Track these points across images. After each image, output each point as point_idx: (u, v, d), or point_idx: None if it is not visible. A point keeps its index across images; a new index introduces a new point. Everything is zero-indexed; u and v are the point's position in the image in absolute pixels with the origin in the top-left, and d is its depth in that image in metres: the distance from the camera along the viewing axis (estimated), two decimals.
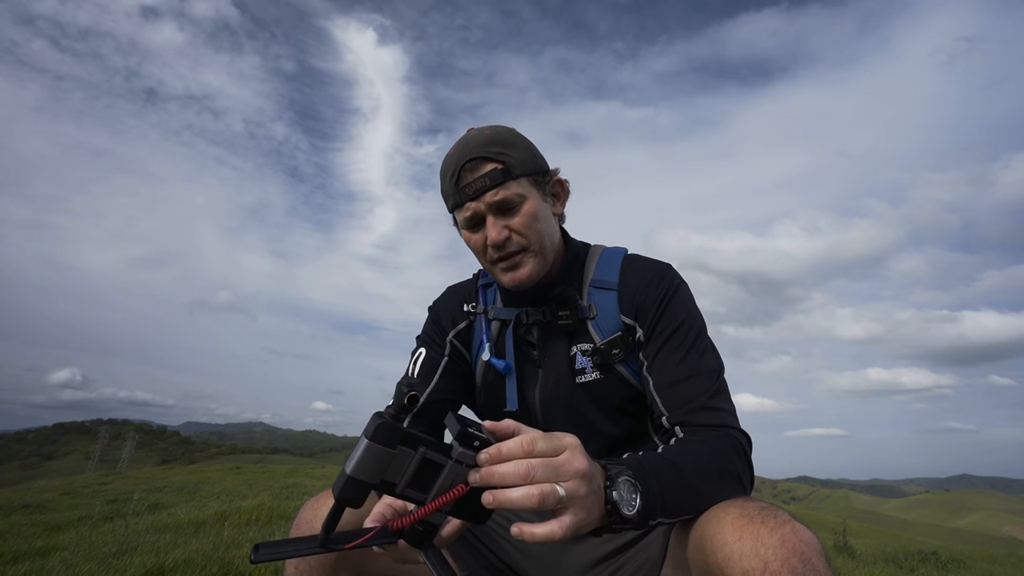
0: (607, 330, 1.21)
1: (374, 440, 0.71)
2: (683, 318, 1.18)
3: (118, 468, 67.10)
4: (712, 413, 1.07)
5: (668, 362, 1.14)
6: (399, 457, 0.73)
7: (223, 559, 2.98)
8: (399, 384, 0.73)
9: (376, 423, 0.71)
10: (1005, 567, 6.45)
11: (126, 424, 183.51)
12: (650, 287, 1.21)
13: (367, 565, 1.06)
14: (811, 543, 0.81)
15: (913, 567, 5.68)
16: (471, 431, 0.76)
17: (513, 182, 1.16)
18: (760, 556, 0.80)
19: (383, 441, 0.71)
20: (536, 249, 1.19)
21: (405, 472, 0.74)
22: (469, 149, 1.16)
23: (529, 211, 1.17)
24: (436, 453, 0.75)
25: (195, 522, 4.68)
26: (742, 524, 0.85)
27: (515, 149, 1.18)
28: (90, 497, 9.66)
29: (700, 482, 0.94)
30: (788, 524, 0.83)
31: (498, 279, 1.23)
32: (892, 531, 23.91)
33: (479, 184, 1.15)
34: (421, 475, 0.74)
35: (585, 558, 1.21)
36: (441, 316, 1.36)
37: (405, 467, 0.73)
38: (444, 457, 0.75)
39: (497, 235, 1.16)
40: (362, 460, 0.70)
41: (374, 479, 0.72)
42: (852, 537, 7.49)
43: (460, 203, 1.18)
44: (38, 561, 3.30)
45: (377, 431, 0.71)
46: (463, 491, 0.75)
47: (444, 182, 1.20)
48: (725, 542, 0.84)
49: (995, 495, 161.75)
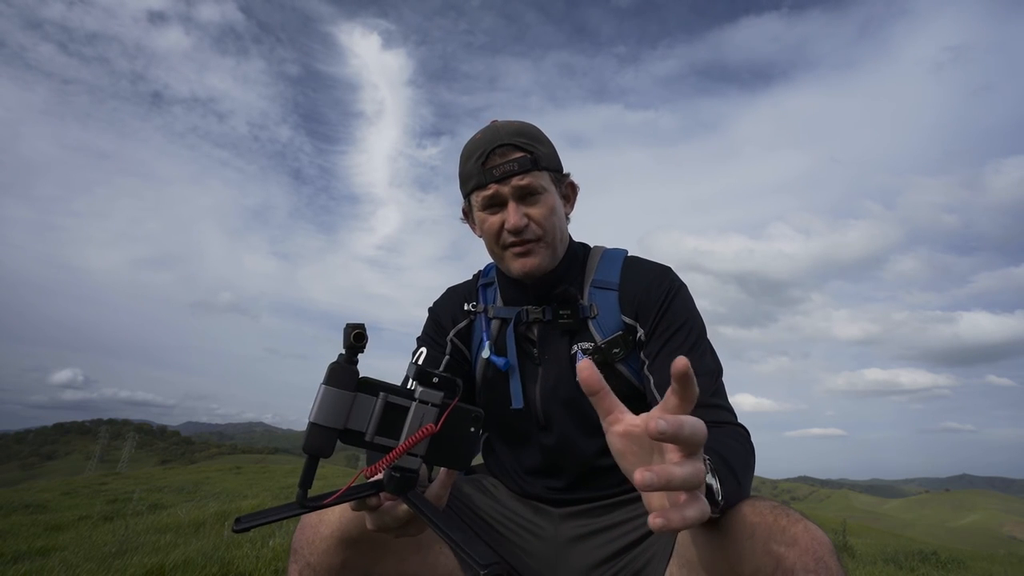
0: (608, 329, 1.22)
1: (329, 384, 0.70)
2: (684, 319, 1.19)
3: (118, 468, 67.10)
4: (715, 411, 1.08)
5: (669, 361, 1.14)
6: (361, 404, 0.72)
7: (223, 559, 2.98)
8: (345, 326, 0.72)
9: (331, 365, 0.71)
10: (1005, 567, 6.45)
11: (126, 424, 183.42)
12: (651, 288, 1.22)
13: (373, 568, 1.05)
14: (823, 542, 0.81)
15: (913, 567, 5.68)
16: (428, 370, 0.75)
17: (539, 173, 1.20)
18: (773, 554, 0.80)
19: (337, 383, 0.70)
20: (550, 241, 1.22)
21: (370, 420, 0.73)
22: (500, 135, 1.20)
23: (549, 203, 1.21)
24: (398, 396, 0.74)
25: (195, 522, 4.69)
26: (753, 522, 0.85)
27: (542, 144, 1.23)
28: (90, 497, 9.66)
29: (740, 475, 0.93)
30: (800, 523, 0.83)
31: (508, 265, 1.24)
32: (892, 531, 23.90)
33: (507, 167, 1.18)
34: (387, 421, 0.73)
35: (590, 557, 1.20)
36: (441, 316, 1.36)
37: (369, 414, 0.72)
38: (407, 400, 0.74)
39: (518, 220, 1.18)
40: (321, 405, 0.69)
41: (338, 424, 0.71)
42: (852, 537, 7.49)
43: (484, 183, 1.19)
44: (38, 561, 3.30)
45: (332, 373, 0.70)
46: (432, 430, 0.73)
47: (467, 163, 1.22)
48: (735, 539, 0.84)
49: (995, 495, 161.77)
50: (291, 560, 1.04)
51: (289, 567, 1.04)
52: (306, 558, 1.01)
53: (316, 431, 0.70)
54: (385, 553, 1.06)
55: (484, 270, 1.41)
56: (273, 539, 3.64)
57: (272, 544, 3.43)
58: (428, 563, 1.12)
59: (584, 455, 1.23)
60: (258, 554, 3.11)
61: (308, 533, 1.03)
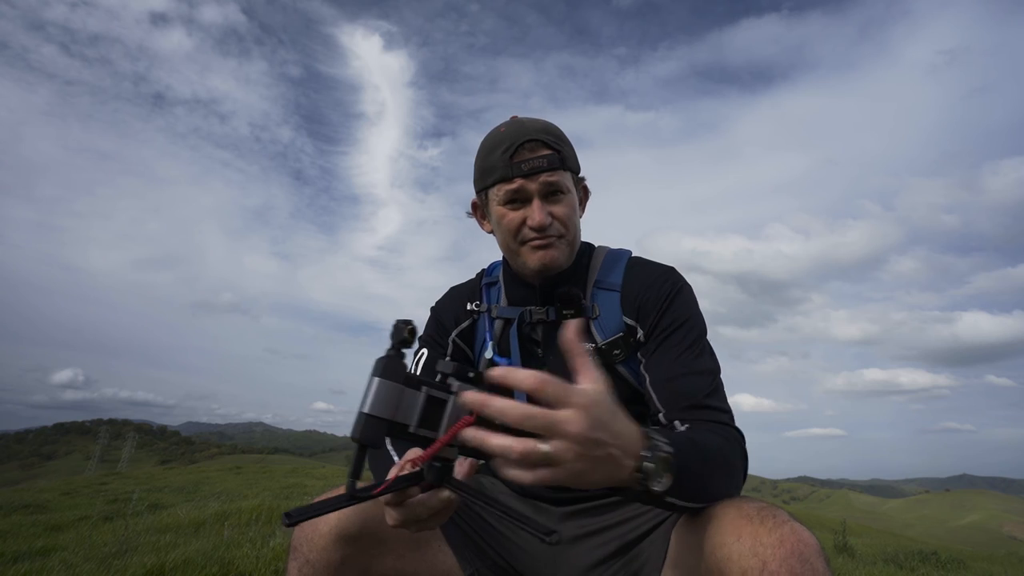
0: (608, 331, 1.21)
1: (384, 376, 0.73)
2: (685, 318, 1.18)
3: (118, 468, 67.08)
4: (710, 411, 1.07)
5: (664, 359, 1.14)
6: (406, 397, 0.75)
7: (223, 559, 2.98)
8: (396, 322, 0.75)
9: (383, 359, 0.74)
10: (1005, 567, 6.45)
11: (126, 424, 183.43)
12: (653, 288, 1.21)
13: (372, 565, 1.05)
14: (810, 543, 0.81)
15: (913, 567, 5.68)
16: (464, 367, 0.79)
17: (564, 172, 1.20)
18: (759, 555, 0.80)
19: (392, 376, 0.73)
20: (570, 240, 1.22)
21: (414, 412, 0.75)
22: (528, 130, 1.19)
23: (571, 204, 1.22)
24: (438, 391, 0.77)
25: (195, 522, 4.69)
26: (741, 524, 0.85)
27: (567, 145, 1.24)
28: (90, 497, 9.66)
29: (715, 472, 0.93)
30: (787, 524, 0.83)
31: (524, 260, 1.22)
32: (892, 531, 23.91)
33: (536, 163, 1.17)
34: (428, 414, 0.76)
35: (588, 558, 1.20)
36: (443, 316, 1.36)
37: (413, 407, 0.75)
38: (446, 393, 0.78)
39: (543, 218, 1.17)
40: (376, 397, 0.72)
41: (388, 415, 0.73)
42: (852, 537, 7.49)
43: (510, 177, 1.18)
44: (38, 561, 3.30)
45: (386, 366, 0.73)
46: (469, 422, 0.76)
47: (491, 155, 1.20)
48: (724, 542, 0.84)
49: (995, 495, 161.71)
50: (291, 557, 1.04)
51: (288, 564, 1.05)
52: (305, 555, 1.02)
53: (369, 422, 0.72)
54: (384, 550, 1.06)
55: (488, 269, 1.40)
56: (273, 539, 3.64)
57: (272, 544, 3.44)
58: (427, 561, 1.12)
59: None
60: (258, 554, 3.11)
61: (307, 530, 1.03)
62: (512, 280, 1.30)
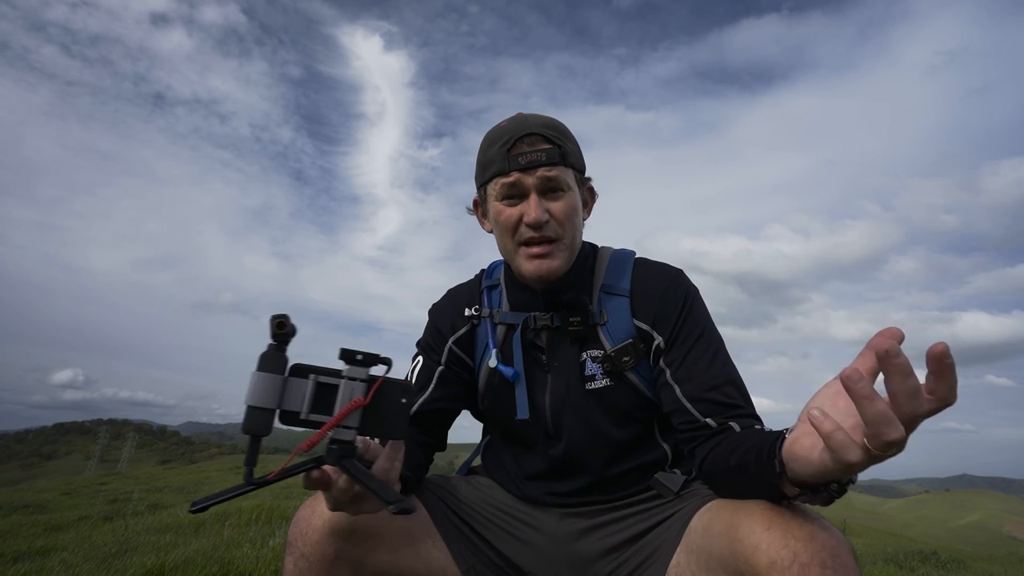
0: (618, 337, 1.18)
1: (260, 369, 0.77)
2: (704, 326, 1.17)
3: (118, 468, 67.08)
4: (753, 419, 1.08)
5: (696, 369, 1.12)
6: (293, 387, 0.79)
7: (223, 559, 2.98)
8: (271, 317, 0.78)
9: (261, 354, 0.78)
10: (1005, 567, 6.45)
11: (126, 424, 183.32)
12: (667, 294, 1.18)
13: (366, 559, 1.05)
14: (840, 540, 0.83)
15: (913, 567, 5.68)
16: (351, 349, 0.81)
17: (565, 168, 1.14)
18: (790, 547, 0.80)
19: (269, 368, 0.77)
20: (568, 243, 1.16)
21: (304, 400, 0.79)
22: (528, 124, 1.14)
23: (571, 202, 1.15)
24: (327, 376, 0.80)
25: (195, 522, 4.68)
26: (772, 515, 0.85)
27: (570, 141, 1.18)
28: (90, 497, 9.66)
29: None
30: (817, 520, 0.84)
31: (521, 266, 1.16)
32: (892, 531, 23.90)
33: (534, 157, 1.11)
34: (320, 400, 0.79)
35: (595, 548, 1.19)
36: (440, 322, 1.31)
37: (302, 395, 0.79)
38: (336, 378, 0.80)
39: (539, 215, 1.11)
40: (254, 389, 0.76)
41: (272, 405, 0.77)
42: (852, 537, 7.49)
43: (506, 170, 1.12)
44: (38, 561, 3.30)
45: (262, 360, 0.77)
46: (360, 403, 0.79)
47: (490, 149, 1.16)
48: (753, 531, 0.85)
49: (995, 495, 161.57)
50: (287, 553, 1.06)
51: (285, 560, 1.06)
52: (300, 549, 1.03)
53: (252, 412, 0.77)
54: (377, 545, 1.07)
55: (488, 270, 1.35)
56: (273, 539, 3.64)
57: (272, 544, 3.44)
58: (421, 556, 1.12)
59: (593, 465, 1.21)
60: (258, 554, 3.11)
61: (301, 525, 1.05)
62: (514, 284, 1.25)
